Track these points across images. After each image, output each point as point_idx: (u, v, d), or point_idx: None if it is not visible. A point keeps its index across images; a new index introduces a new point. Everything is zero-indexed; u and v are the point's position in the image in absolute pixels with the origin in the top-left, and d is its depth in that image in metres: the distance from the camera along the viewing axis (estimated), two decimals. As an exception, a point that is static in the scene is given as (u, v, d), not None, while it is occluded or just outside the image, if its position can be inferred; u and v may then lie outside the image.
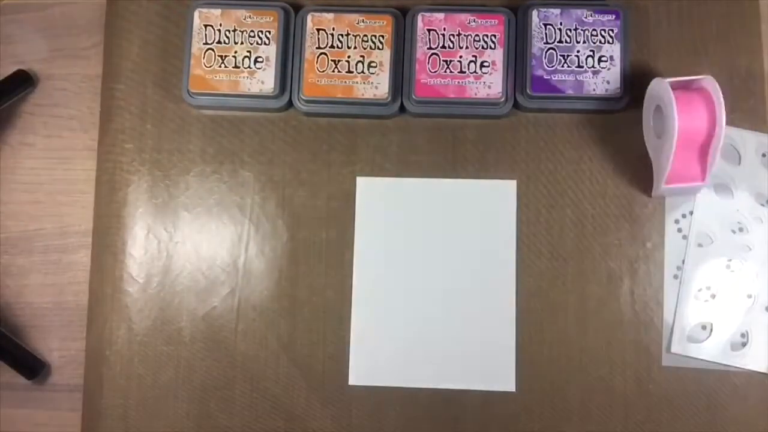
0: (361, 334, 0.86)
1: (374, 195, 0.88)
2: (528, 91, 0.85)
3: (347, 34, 0.86)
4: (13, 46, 0.94)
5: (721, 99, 0.77)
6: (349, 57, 0.86)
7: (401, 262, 0.87)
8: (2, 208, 0.91)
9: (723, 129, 0.78)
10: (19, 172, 0.92)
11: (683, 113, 0.79)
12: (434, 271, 0.86)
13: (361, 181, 0.88)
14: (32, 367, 0.89)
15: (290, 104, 0.88)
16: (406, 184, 0.88)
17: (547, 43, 0.86)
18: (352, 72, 0.86)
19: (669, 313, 0.85)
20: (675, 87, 0.80)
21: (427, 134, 0.88)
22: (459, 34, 0.86)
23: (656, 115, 0.84)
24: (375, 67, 0.86)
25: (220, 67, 0.86)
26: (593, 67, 0.86)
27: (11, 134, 0.92)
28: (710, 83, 0.79)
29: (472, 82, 0.85)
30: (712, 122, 0.79)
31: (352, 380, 0.85)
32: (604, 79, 0.85)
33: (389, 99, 0.85)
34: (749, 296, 0.85)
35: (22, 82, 0.93)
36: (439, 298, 0.86)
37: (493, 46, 0.86)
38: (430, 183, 0.87)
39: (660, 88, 0.82)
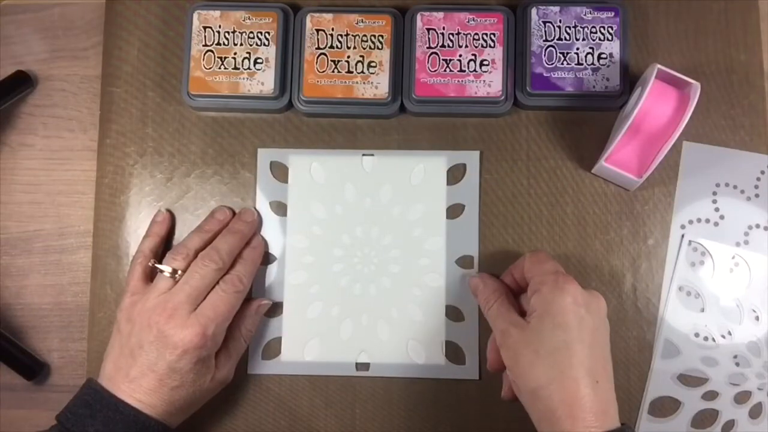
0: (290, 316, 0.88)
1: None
2: (528, 88, 0.86)
3: (346, 35, 0.86)
4: (12, 47, 0.94)
5: (693, 107, 0.78)
6: (348, 57, 0.86)
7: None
8: (1, 208, 0.91)
9: (679, 132, 0.78)
10: (18, 173, 0.92)
11: (652, 97, 0.80)
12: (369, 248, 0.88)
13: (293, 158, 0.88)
14: (32, 367, 0.88)
15: (290, 105, 0.88)
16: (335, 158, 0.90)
17: (546, 40, 0.86)
18: (352, 72, 0.86)
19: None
20: (663, 77, 0.81)
21: (427, 133, 0.88)
22: (458, 33, 0.86)
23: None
24: (375, 66, 0.86)
25: (219, 68, 0.86)
26: (593, 64, 0.86)
27: (10, 135, 0.92)
28: (694, 90, 0.79)
29: (472, 81, 0.85)
30: (674, 121, 0.80)
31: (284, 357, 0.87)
32: (604, 76, 0.86)
33: (389, 99, 0.85)
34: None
35: (21, 82, 0.92)
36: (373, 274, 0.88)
37: (492, 45, 0.86)
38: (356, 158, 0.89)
39: (649, 70, 0.82)
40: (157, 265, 0.80)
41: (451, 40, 0.86)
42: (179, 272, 0.79)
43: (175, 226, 0.88)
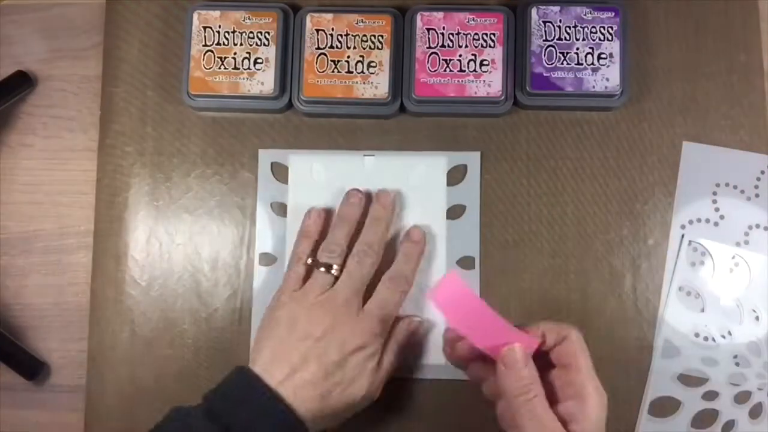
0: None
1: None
2: (527, 88, 0.85)
3: (346, 35, 0.86)
4: (12, 47, 0.94)
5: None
6: (348, 57, 0.86)
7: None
8: (1, 208, 0.91)
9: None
10: (18, 173, 0.92)
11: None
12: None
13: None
14: (32, 367, 0.88)
15: (290, 105, 0.88)
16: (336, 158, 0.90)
17: (546, 40, 0.86)
18: (352, 72, 0.85)
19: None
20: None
21: (427, 133, 0.88)
22: (458, 33, 0.86)
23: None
24: (375, 66, 0.85)
25: (219, 68, 0.86)
26: (593, 64, 0.86)
27: (10, 135, 0.92)
28: None
29: (472, 81, 0.85)
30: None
31: None
32: (604, 76, 0.85)
33: (389, 99, 0.85)
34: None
35: (21, 82, 0.92)
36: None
37: (492, 45, 0.86)
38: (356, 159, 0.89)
39: None
40: (316, 262, 0.80)
41: (451, 40, 0.86)
42: (335, 267, 0.80)
43: (177, 228, 0.88)
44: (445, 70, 0.86)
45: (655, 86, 0.89)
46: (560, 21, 0.86)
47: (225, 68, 0.86)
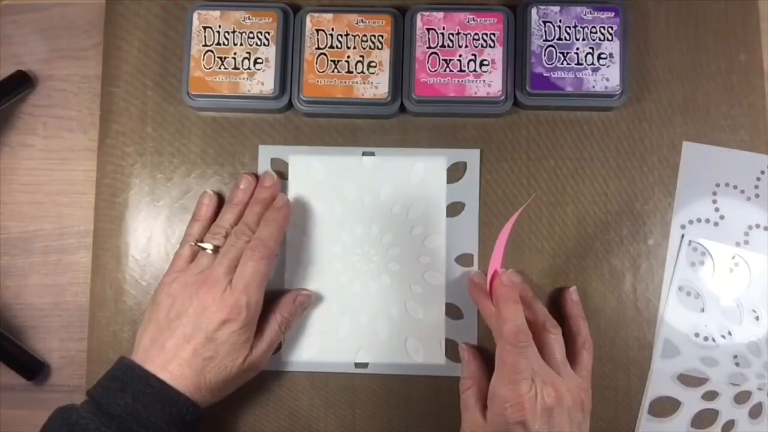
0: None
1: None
2: (527, 88, 0.85)
3: (346, 35, 0.86)
4: (12, 47, 0.94)
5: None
6: (348, 57, 0.86)
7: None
8: (1, 208, 0.91)
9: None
10: (18, 173, 0.92)
11: None
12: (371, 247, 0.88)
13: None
14: (32, 367, 0.88)
15: (290, 105, 0.88)
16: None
17: (546, 40, 0.86)
18: (352, 72, 0.85)
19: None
20: None
21: (427, 133, 0.88)
22: (458, 33, 0.86)
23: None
24: (375, 66, 0.85)
25: (219, 68, 0.86)
26: (593, 64, 0.86)
27: (10, 135, 0.92)
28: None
29: (472, 81, 0.85)
30: None
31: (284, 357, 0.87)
32: (604, 76, 0.85)
33: (389, 99, 0.85)
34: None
35: (21, 82, 0.92)
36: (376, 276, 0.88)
37: (492, 45, 0.86)
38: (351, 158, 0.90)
39: None
40: (200, 244, 0.82)
41: (451, 40, 0.86)
42: (216, 247, 0.81)
43: (177, 228, 0.88)
44: (445, 70, 0.86)
45: (655, 86, 0.89)
46: (560, 21, 0.86)
47: (225, 68, 0.86)
